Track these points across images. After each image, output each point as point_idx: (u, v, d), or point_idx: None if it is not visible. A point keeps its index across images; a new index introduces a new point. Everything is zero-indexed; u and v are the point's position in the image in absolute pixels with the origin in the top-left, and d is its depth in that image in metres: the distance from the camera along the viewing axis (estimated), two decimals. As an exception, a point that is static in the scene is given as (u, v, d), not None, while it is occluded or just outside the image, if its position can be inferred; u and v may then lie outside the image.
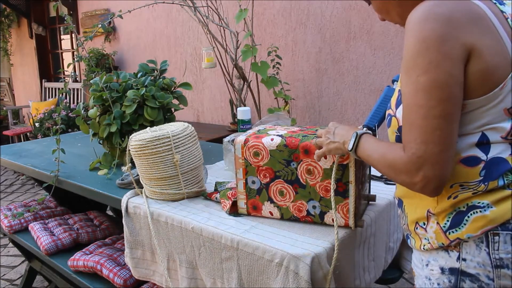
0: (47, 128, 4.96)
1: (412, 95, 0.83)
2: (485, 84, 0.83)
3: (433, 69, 0.80)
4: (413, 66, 0.83)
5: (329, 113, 3.46)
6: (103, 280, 1.80)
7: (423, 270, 0.95)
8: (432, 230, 0.91)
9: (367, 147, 0.97)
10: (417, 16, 0.83)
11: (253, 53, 2.87)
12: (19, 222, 2.30)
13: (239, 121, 1.86)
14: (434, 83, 0.80)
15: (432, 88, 0.80)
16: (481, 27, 0.83)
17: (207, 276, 1.28)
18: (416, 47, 0.82)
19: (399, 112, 0.94)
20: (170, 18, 4.60)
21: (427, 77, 0.81)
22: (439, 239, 0.90)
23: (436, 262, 0.91)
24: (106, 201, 1.65)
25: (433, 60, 0.80)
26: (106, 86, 1.84)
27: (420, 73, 0.81)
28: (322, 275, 1.08)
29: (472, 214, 0.86)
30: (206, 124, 4.43)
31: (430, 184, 0.82)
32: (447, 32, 0.80)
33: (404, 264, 1.58)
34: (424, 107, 0.81)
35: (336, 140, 1.06)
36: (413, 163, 0.82)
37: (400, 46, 3.00)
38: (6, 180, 5.11)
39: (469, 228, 0.86)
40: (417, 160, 0.81)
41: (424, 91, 0.81)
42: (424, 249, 0.94)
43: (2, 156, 2.23)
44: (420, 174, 0.81)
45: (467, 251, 0.86)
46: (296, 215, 1.24)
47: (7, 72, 7.40)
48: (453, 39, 0.80)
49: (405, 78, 0.85)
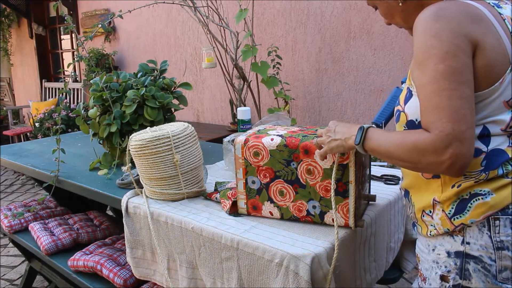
0: (47, 128, 4.96)
1: (433, 82, 0.86)
2: (487, 78, 0.89)
3: (450, 57, 0.85)
4: (429, 57, 0.87)
5: (329, 113, 3.46)
6: (103, 280, 1.80)
7: (430, 254, 1.01)
8: (438, 217, 0.97)
9: (376, 138, 0.97)
10: (426, 17, 0.90)
11: (253, 53, 2.87)
12: (19, 222, 2.30)
13: (239, 121, 1.86)
14: (453, 69, 0.85)
15: (452, 73, 0.85)
16: (483, 26, 0.90)
17: (207, 276, 1.28)
18: (430, 41, 0.87)
19: (408, 108, 0.98)
20: (170, 18, 4.60)
21: (445, 64, 0.85)
22: (444, 225, 0.96)
23: (442, 246, 0.98)
24: (106, 201, 1.65)
25: (449, 51, 0.85)
26: (106, 86, 1.84)
27: (438, 62, 0.86)
28: (322, 275, 1.08)
29: (474, 201, 0.93)
30: (206, 124, 4.43)
31: (458, 162, 0.83)
32: (456, 28, 0.87)
33: (404, 264, 1.58)
34: (447, 89, 0.85)
35: (337, 138, 1.07)
36: (441, 141, 0.83)
37: (400, 46, 3.00)
38: (6, 180, 5.11)
39: (472, 214, 0.92)
40: (446, 138, 0.83)
41: (444, 76, 0.85)
42: (430, 235, 1.00)
43: (2, 156, 2.23)
44: (449, 151, 0.83)
45: (471, 235, 0.93)
46: (296, 215, 1.24)
47: (7, 72, 7.40)
48: (462, 35, 0.87)
49: (420, 70, 0.89)
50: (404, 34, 2.94)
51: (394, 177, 1.51)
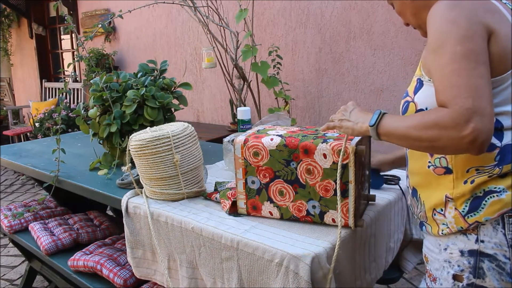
0: (47, 128, 4.96)
1: (451, 63, 0.86)
2: (501, 65, 0.90)
3: (467, 41, 0.86)
4: (447, 40, 0.87)
5: (329, 113, 3.46)
6: (103, 280, 1.80)
7: (441, 254, 1.00)
8: (451, 215, 0.97)
9: (392, 122, 0.96)
10: (442, 6, 0.91)
11: (253, 53, 2.87)
12: (19, 222, 2.30)
13: (239, 121, 1.86)
14: (470, 51, 0.85)
15: (470, 54, 0.85)
16: (497, 16, 0.92)
17: (207, 276, 1.28)
18: (447, 27, 0.88)
19: (417, 98, 0.99)
20: (170, 18, 4.60)
21: (463, 46, 0.86)
22: (458, 223, 0.95)
23: (455, 245, 0.97)
24: (106, 201, 1.65)
25: (466, 35, 0.86)
26: (106, 86, 1.84)
27: (456, 44, 0.86)
28: (322, 275, 1.08)
29: (489, 198, 0.92)
30: (206, 124, 4.43)
31: (480, 137, 0.82)
32: (472, 15, 0.88)
33: (404, 264, 1.58)
34: (466, 69, 0.85)
35: (351, 119, 1.06)
36: (462, 115, 0.82)
37: (400, 46, 3.00)
38: (6, 180, 5.11)
39: (487, 212, 0.92)
40: (466, 112, 0.82)
41: (463, 56, 0.85)
42: (442, 234, 0.99)
43: (2, 156, 2.23)
44: (471, 125, 0.81)
45: (485, 233, 0.93)
46: (295, 215, 1.24)
47: (7, 72, 7.40)
48: (478, 22, 0.88)
49: (437, 53, 0.89)
50: (404, 34, 2.94)
51: (394, 177, 1.51)
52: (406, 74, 3.01)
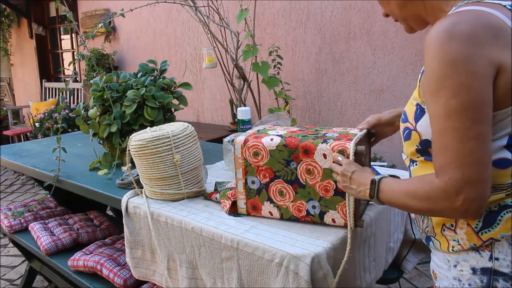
0: (47, 128, 4.96)
1: (444, 119, 0.81)
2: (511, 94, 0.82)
3: (464, 91, 0.79)
4: (442, 88, 0.81)
5: (329, 113, 3.46)
6: (103, 280, 1.80)
7: (450, 271, 0.94)
8: (463, 231, 0.91)
9: (389, 191, 0.96)
10: (439, 36, 0.81)
11: (253, 53, 2.87)
12: (19, 222, 2.30)
13: (239, 121, 1.86)
14: (466, 104, 0.79)
15: (465, 110, 0.79)
16: (504, 39, 0.82)
17: (207, 276, 1.28)
18: (444, 70, 0.80)
19: (420, 126, 0.93)
20: (170, 18, 4.60)
21: (458, 99, 0.79)
22: (470, 240, 0.89)
23: (466, 262, 0.91)
24: (106, 201, 1.65)
25: (464, 82, 0.78)
26: (106, 86, 1.84)
27: (450, 96, 0.79)
28: (322, 275, 1.08)
29: (505, 213, 0.86)
30: (206, 124, 4.43)
31: (472, 206, 0.80)
32: (474, 51, 0.79)
33: (404, 264, 1.58)
34: (459, 129, 0.79)
35: (352, 187, 1.07)
36: (453, 187, 0.80)
37: (400, 46, 3.00)
38: (6, 180, 5.11)
39: (502, 228, 0.86)
40: (456, 184, 0.80)
41: (457, 113, 0.79)
42: (453, 250, 0.93)
43: (2, 156, 2.23)
44: (461, 197, 0.80)
45: (500, 250, 0.87)
46: (295, 215, 1.24)
47: (7, 72, 7.41)
48: (481, 57, 0.79)
49: (432, 100, 0.84)
50: (404, 34, 2.94)
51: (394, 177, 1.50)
52: (406, 74, 3.01)
